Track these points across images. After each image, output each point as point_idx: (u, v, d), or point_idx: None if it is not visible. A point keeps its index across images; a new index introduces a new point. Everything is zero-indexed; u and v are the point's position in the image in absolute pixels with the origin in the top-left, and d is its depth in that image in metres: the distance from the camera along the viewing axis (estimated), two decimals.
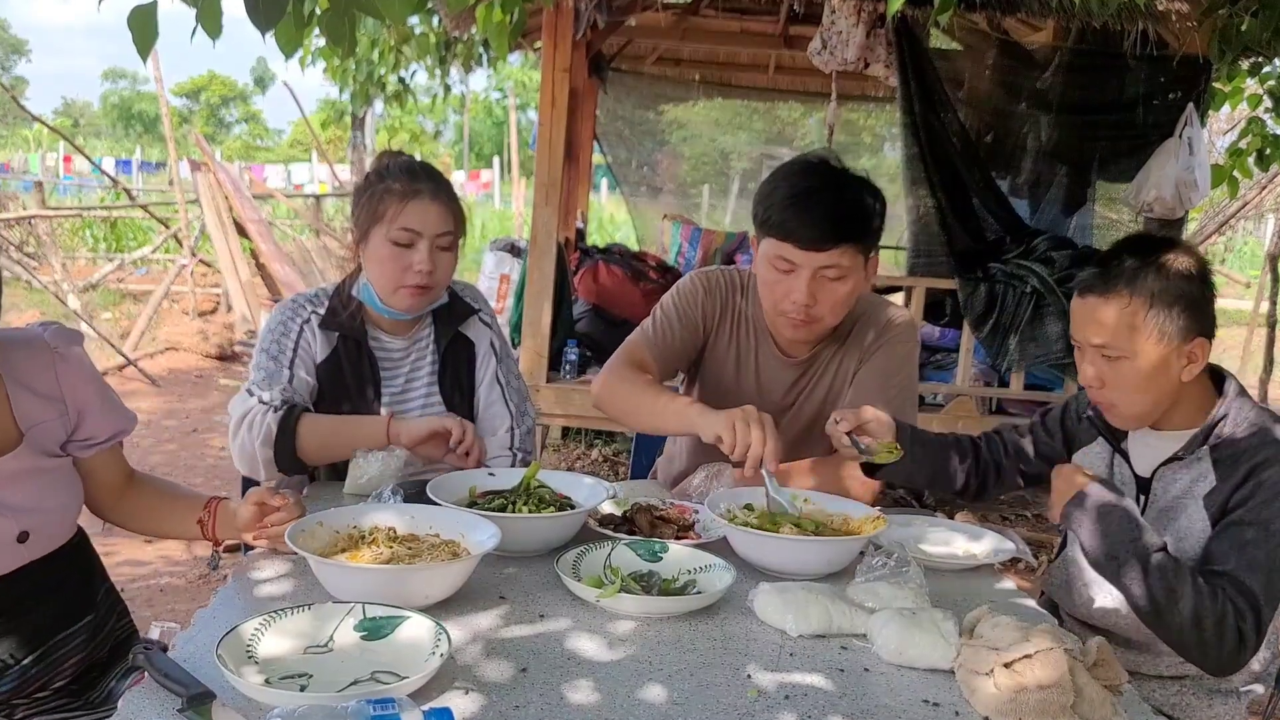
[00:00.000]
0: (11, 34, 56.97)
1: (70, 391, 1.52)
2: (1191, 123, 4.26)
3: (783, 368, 2.09)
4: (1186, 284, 1.60)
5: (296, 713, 1.00)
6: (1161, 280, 1.59)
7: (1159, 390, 1.64)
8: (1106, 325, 1.62)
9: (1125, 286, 1.60)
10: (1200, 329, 1.62)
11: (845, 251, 1.86)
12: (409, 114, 10.75)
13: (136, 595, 3.53)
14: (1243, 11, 3.67)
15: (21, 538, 1.45)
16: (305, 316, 1.99)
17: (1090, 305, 1.64)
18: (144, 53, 1.76)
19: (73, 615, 1.55)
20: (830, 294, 1.89)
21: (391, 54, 6.44)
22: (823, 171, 1.89)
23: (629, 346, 2.08)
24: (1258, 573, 1.53)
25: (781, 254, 1.87)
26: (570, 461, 5.46)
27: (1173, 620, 1.53)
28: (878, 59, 4.33)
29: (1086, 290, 1.66)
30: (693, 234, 6.43)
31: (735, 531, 1.64)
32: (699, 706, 1.19)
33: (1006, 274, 4.26)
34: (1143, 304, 1.59)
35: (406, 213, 1.90)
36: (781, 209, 1.86)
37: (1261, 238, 16.09)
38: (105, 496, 1.64)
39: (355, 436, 1.88)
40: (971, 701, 1.24)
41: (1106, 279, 1.62)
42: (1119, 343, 1.61)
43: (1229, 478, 1.61)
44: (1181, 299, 1.59)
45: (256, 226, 9.29)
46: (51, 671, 1.51)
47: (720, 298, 2.11)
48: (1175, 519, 1.67)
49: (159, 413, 6.17)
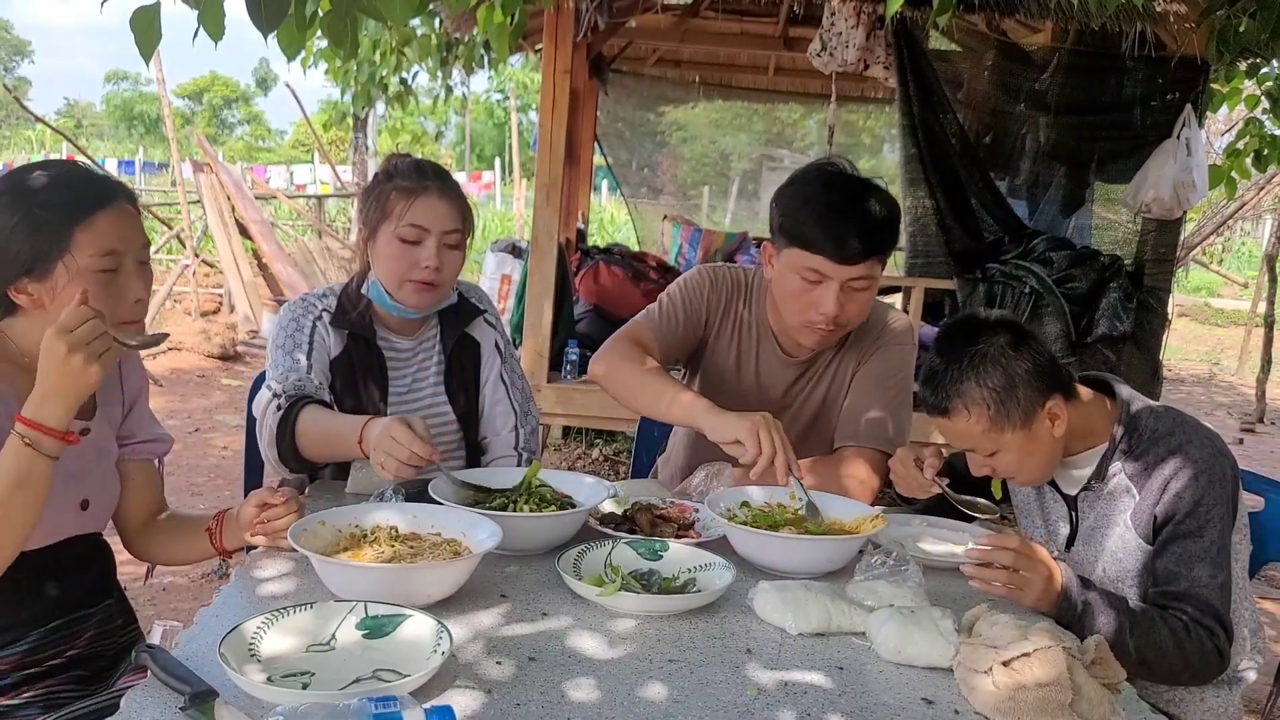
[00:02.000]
0: (14, 35, 57.01)
1: (128, 381, 1.63)
2: (1189, 124, 4.26)
3: (783, 367, 2.10)
4: (1009, 363, 1.61)
5: (299, 711, 1.01)
6: (983, 377, 1.61)
7: (1043, 453, 1.68)
8: (965, 436, 1.67)
9: (957, 400, 1.63)
10: (1047, 390, 1.63)
11: (873, 264, 1.90)
12: (410, 115, 10.75)
13: (140, 594, 3.54)
14: (1240, 13, 3.68)
15: (84, 505, 1.54)
16: (318, 312, 1.98)
17: (941, 425, 1.70)
18: (146, 54, 1.78)
19: (95, 596, 1.61)
20: (855, 303, 1.93)
21: (393, 55, 6.44)
22: (849, 184, 1.91)
23: (633, 327, 2.09)
24: (1210, 585, 1.59)
25: (813, 266, 1.88)
26: (571, 461, 5.46)
27: (1165, 671, 1.61)
28: (877, 60, 4.34)
29: (931, 411, 1.69)
30: (693, 235, 6.45)
31: (735, 530, 1.65)
32: (699, 704, 1.20)
33: (1005, 274, 4.27)
34: (981, 411, 1.62)
35: (414, 209, 1.90)
36: (814, 224, 1.87)
37: (1259, 238, 16.09)
38: (135, 516, 1.69)
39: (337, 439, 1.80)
40: (970, 700, 1.25)
41: (939, 400, 1.65)
42: (983, 445, 1.66)
43: (1148, 495, 1.66)
44: (1012, 381, 1.61)
45: (259, 227, 9.31)
46: (69, 642, 1.55)
47: (726, 294, 2.12)
48: (1103, 540, 1.73)
49: (162, 413, 6.15)
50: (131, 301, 1.49)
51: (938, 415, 1.68)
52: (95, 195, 1.46)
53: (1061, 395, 1.65)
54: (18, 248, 1.41)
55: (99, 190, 1.47)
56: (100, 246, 1.44)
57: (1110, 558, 1.72)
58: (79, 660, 1.56)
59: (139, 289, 1.49)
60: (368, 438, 1.69)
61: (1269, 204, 10.66)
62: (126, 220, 1.49)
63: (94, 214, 1.44)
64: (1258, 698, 1.80)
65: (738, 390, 2.11)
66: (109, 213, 1.46)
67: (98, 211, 1.44)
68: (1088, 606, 1.54)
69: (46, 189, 1.43)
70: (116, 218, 1.47)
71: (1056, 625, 1.35)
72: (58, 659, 1.53)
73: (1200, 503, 1.62)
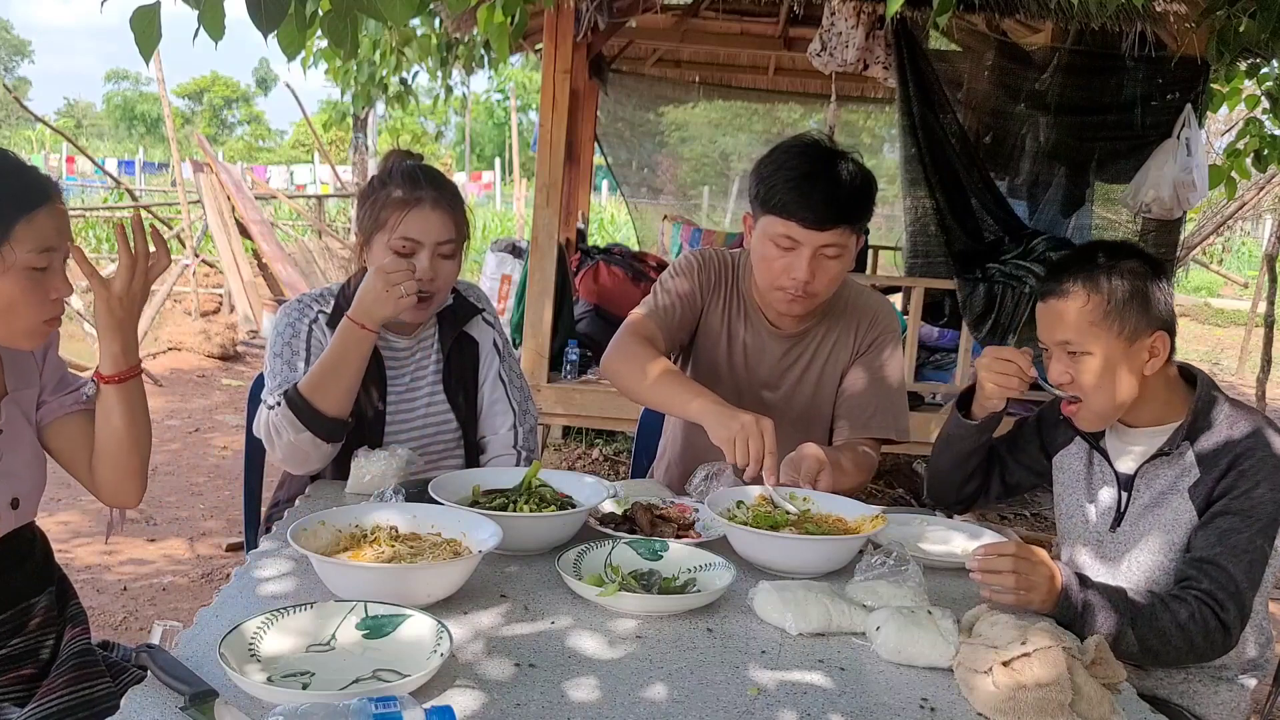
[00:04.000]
0: (14, 35, 57.04)
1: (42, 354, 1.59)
2: (1189, 124, 4.27)
3: (772, 341, 2.14)
4: (1140, 280, 1.67)
5: (299, 711, 1.01)
6: (1115, 278, 1.67)
7: (1123, 385, 1.69)
8: (1067, 324, 1.69)
9: (1081, 286, 1.68)
10: (1159, 323, 1.68)
11: (844, 231, 1.94)
12: (410, 115, 10.74)
13: (140, 594, 3.54)
14: (1241, 13, 3.67)
15: (14, 504, 1.52)
16: (313, 315, 1.98)
17: (1050, 307, 1.72)
18: (147, 54, 1.77)
19: (38, 584, 1.60)
20: (826, 271, 1.97)
21: (393, 55, 6.44)
22: (823, 152, 1.96)
23: (635, 321, 2.11)
24: (1240, 558, 1.60)
25: (785, 232, 1.93)
26: (571, 461, 5.47)
27: (1173, 655, 1.61)
28: (877, 60, 4.35)
29: (1046, 294, 1.73)
30: (693, 235, 6.45)
31: (735, 530, 1.65)
32: (699, 704, 1.20)
33: (1005, 274, 4.27)
34: (1099, 301, 1.66)
35: (407, 222, 1.90)
36: (785, 189, 1.92)
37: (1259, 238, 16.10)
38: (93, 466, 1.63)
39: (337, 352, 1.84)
40: (970, 700, 1.25)
41: (1062, 280, 1.70)
42: (1080, 339, 1.68)
43: (1211, 470, 1.67)
44: (1136, 295, 1.66)
45: (259, 227, 9.31)
46: (18, 634, 1.55)
47: (714, 272, 2.16)
48: (1161, 511, 1.72)
49: (162, 413, 6.18)
50: (53, 300, 1.47)
51: (1051, 296, 1.71)
52: (38, 190, 1.44)
53: (1169, 340, 1.69)
54: None
55: (41, 185, 1.45)
56: (39, 243, 1.42)
57: (1161, 529, 1.71)
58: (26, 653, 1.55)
59: (63, 287, 1.48)
60: (358, 304, 1.83)
61: (1269, 204, 10.66)
62: (63, 218, 1.48)
63: (37, 209, 1.43)
64: (1257, 697, 1.80)
65: (729, 370, 2.15)
66: (49, 209, 1.44)
67: (40, 206, 1.43)
68: (1088, 605, 1.53)
69: None
70: (55, 215, 1.45)
71: (1057, 625, 1.35)
72: (7, 650, 1.53)
73: (1258, 488, 1.63)
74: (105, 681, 1.52)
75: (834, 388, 2.16)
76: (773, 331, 2.14)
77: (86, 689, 1.50)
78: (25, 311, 1.44)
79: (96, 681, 1.52)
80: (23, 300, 1.43)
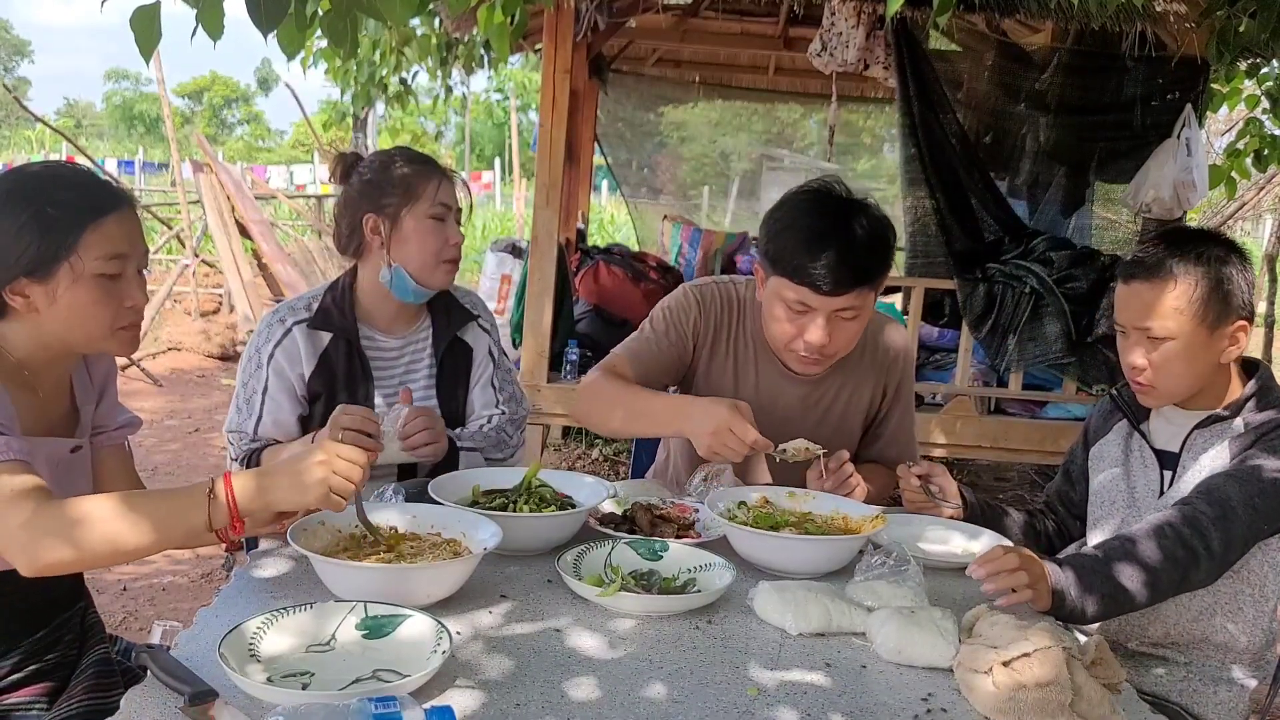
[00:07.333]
0: (14, 35, 57.00)
1: (94, 369, 1.63)
2: (1189, 123, 4.26)
3: (789, 385, 2.05)
4: (1227, 268, 1.66)
5: (299, 711, 1.01)
6: (1204, 265, 1.66)
7: (1200, 371, 1.70)
8: (1152, 309, 1.67)
9: (1170, 271, 1.66)
10: (1241, 312, 1.68)
11: (860, 293, 1.83)
12: (410, 115, 10.74)
13: (139, 594, 3.54)
14: (1241, 13, 3.68)
15: None
16: (287, 328, 1.97)
17: (1135, 290, 1.70)
18: (146, 54, 1.77)
19: (71, 598, 1.64)
20: (844, 332, 1.88)
21: (393, 55, 6.43)
22: (834, 206, 1.84)
23: (609, 364, 2.03)
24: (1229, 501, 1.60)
25: (798, 298, 1.83)
26: (571, 461, 5.47)
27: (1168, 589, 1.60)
28: (877, 60, 4.34)
29: (1131, 276, 1.71)
30: (693, 235, 6.43)
31: (735, 530, 1.65)
32: (699, 704, 1.20)
33: (1005, 274, 4.27)
34: (1188, 287, 1.65)
35: (443, 189, 1.99)
36: (796, 252, 1.80)
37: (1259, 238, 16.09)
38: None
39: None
40: (970, 700, 1.25)
41: (1150, 264, 1.68)
42: (1165, 325, 1.67)
43: (1254, 432, 1.69)
44: (1223, 282, 1.66)
45: (259, 227, 9.30)
46: (53, 649, 1.57)
47: (715, 315, 2.06)
48: (1203, 467, 1.73)
49: (162, 413, 6.18)
50: (128, 307, 1.48)
51: (1137, 279, 1.69)
52: (107, 197, 1.46)
53: (1249, 329, 1.70)
54: (23, 247, 1.38)
55: (110, 192, 1.47)
56: (109, 249, 1.43)
57: (1198, 475, 1.71)
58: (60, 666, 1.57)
59: (137, 295, 1.49)
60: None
61: (1269, 204, 10.65)
62: (133, 225, 1.49)
63: (105, 216, 1.43)
64: (1257, 697, 1.81)
65: None
66: (119, 216, 1.45)
67: (110, 213, 1.44)
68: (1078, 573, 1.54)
69: (57, 188, 1.42)
70: (125, 221, 1.47)
71: (1056, 625, 1.35)
72: (41, 665, 1.54)
73: (1258, 455, 1.63)
74: (119, 691, 1.54)
75: (857, 427, 2.10)
76: (789, 376, 2.04)
77: (101, 698, 1.53)
78: (100, 319, 1.45)
79: (111, 691, 1.55)
80: (96, 308, 1.43)
